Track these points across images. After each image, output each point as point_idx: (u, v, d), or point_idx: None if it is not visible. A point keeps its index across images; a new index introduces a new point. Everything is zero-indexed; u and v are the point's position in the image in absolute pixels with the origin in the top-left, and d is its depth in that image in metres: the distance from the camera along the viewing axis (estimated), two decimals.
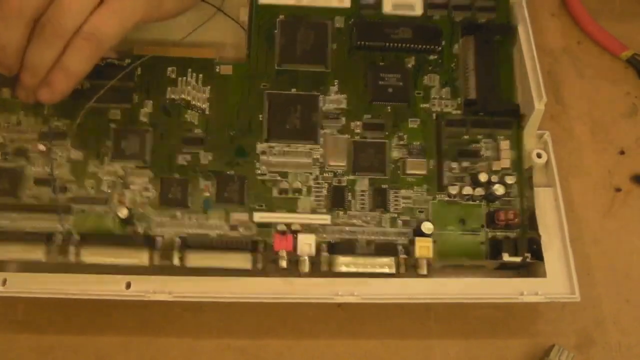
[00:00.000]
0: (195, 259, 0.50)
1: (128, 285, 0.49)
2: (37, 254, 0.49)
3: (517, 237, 0.52)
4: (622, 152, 0.61)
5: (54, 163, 0.51)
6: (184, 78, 0.53)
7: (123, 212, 0.50)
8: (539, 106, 0.53)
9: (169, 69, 0.54)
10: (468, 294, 0.51)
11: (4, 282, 0.49)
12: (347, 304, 0.52)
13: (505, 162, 0.53)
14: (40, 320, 0.54)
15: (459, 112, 0.54)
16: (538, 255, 0.51)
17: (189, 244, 0.50)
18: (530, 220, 0.52)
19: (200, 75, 0.54)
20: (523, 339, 0.55)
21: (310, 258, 0.50)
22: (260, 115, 0.53)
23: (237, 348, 0.54)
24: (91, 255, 0.49)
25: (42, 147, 0.51)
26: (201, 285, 0.50)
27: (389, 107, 0.54)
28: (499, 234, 0.52)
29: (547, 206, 0.54)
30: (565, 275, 0.52)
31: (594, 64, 0.64)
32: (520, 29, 0.56)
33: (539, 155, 0.55)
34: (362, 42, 0.55)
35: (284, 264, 0.50)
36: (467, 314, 0.55)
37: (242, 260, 0.50)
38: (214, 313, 0.54)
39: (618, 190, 0.60)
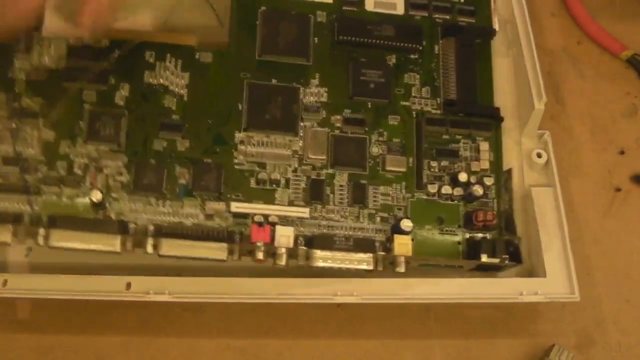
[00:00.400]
0: (169, 248, 0.48)
1: (128, 286, 0.49)
2: (3, 235, 0.47)
3: (495, 239, 0.52)
4: (622, 152, 0.61)
5: (21, 142, 0.49)
6: (163, 62, 0.52)
7: (97, 196, 0.48)
8: (539, 106, 0.53)
9: (148, 53, 0.52)
10: (468, 294, 0.51)
11: (5, 282, 0.49)
12: (346, 304, 0.52)
13: (485, 164, 0.53)
14: (40, 320, 0.53)
15: (438, 111, 0.54)
16: (516, 257, 0.51)
17: (163, 232, 0.48)
18: (507, 223, 0.52)
19: (180, 61, 0.52)
20: (523, 339, 0.55)
21: (288, 251, 0.49)
22: (240, 105, 0.52)
23: (237, 348, 0.54)
24: (61, 240, 0.47)
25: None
26: (201, 286, 0.50)
27: (369, 103, 0.53)
28: (476, 235, 0.52)
29: (547, 206, 0.53)
30: (565, 275, 0.51)
31: (594, 64, 0.64)
32: (520, 29, 0.56)
33: (539, 155, 0.55)
34: (343, 37, 0.54)
35: (260, 255, 0.48)
36: (467, 314, 0.55)
37: (217, 251, 0.48)
38: (214, 313, 0.54)
39: (618, 190, 0.60)
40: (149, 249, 0.48)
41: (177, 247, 0.48)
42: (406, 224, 0.50)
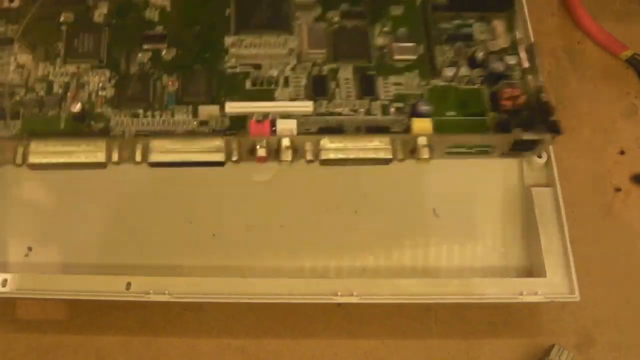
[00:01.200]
0: (159, 154, 0.43)
1: (128, 286, 0.48)
2: None
3: (534, 112, 0.46)
4: (622, 152, 0.60)
5: None
6: None
7: (76, 107, 0.44)
8: None
9: None
10: (468, 294, 0.50)
11: (4, 282, 0.48)
12: (346, 304, 0.51)
13: (503, 42, 0.48)
14: (40, 320, 0.53)
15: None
16: (554, 127, 0.45)
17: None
18: (540, 102, 0.46)
19: None
20: (523, 339, 0.54)
21: (294, 145, 0.44)
22: (228, 9, 0.48)
23: (237, 348, 0.53)
24: (40, 156, 0.43)
25: None
26: (201, 286, 0.49)
27: None
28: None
29: (547, 206, 0.53)
30: (565, 275, 0.50)
31: (594, 64, 0.64)
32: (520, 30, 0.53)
33: (539, 155, 0.53)
34: None
35: (262, 152, 0.43)
36: (467, 314, 0.54)
37: (213, 153, 0.44)
38: (214, 313, 0.53)
39: (618, 190, 0.59)
40: (138, 157, 0.43)
41: (168, 152, 0.43)
42: (424, 107, 0.45)
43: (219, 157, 0.44)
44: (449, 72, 0.47)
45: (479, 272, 0.53)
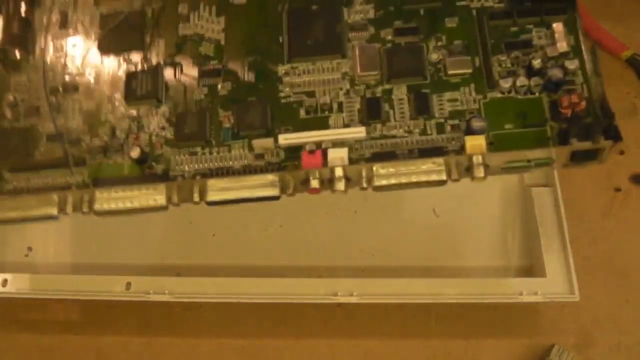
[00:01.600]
0: (216, 193, 0.45)
1: (128, 286, 0.50)
2: (50, 208, 0.46)
3: (592, 120, 0.44)
4: (622, 152, 0.61)
5: (63, 115, 0.48)
6: (197, 12, 0.50)
7: (135, 152, 0.46)
8: None
9: (180, 5, 0.50)
10: (468, 294, 0.51)
11: (4, 282, 0.50)
12: (346, 304, 0.52)
13: (563, 46, 0.46)
14: (40, 320, 0.55)
15: (501, 5, 0.47)
16: (614, 134, 0.43)
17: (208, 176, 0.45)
18: (602, 108, 0.44)
19: (214, 7, 0.50)
20: (523, 339, 0.55)
21: (347, 174, 0.44)
22: (281, 37, 0.48)
23: (237, 348, 0.54)
24: (105, 203, 0.45)
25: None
26: (201, 286, 0.50)
27: (421, 10, 0.48)
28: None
29: (547, 206, 0.54)
30: (565, 274, 0.51)
31: None
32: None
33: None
34: None
35: (315, 183, 0.44)
36: (467, 314, 0.55)
37: (269, 188, 0.44)
38: (214, 313, 0.55)
39: (618, 190, 0.60)
40: (195, 197, 0.45)
41: (224, 190, 0.45)
42: (477, 123, 0.44)
43: (274, 191, 0.44)
44: (505, 83, 0.45)
45: (479, 272, 0.54)
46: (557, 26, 0.46)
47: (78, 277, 0.50)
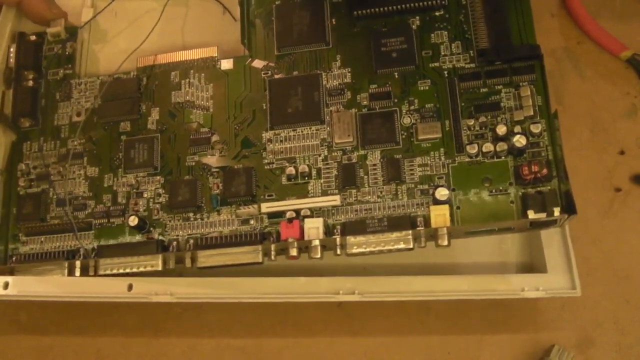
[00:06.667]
0: (205, 259, 0.49)
1: (130, 287, 0.50)
2: (60, 273, 0.51)
3: (549, 191, 0.46)
4: (622, 152, 0.60)
5: (70, 182, 0.53)
6: (187, 80, 0.53)
7: (133, 221, 0.50)
8: None
9: (172, 73, 0.54)
10: (469, 291, 0.50)
11: (6, 285, 0.51)
12: (346, 303, 0.52)
13: (528, 110, 0.48)
14: (40, 320, 0.55)
15: (472, 65, 0.50)
16: (569, 208, 0.45)
17: (200, 245, 0.49)
18: (563, 171, 0.46)
19: (203, 75, 0.53)
20: (523, 338, 0.54)
21: (322, 242, 0.48)
22: (264, 104, 0.51)
23: (237, 348, 0.54)
24: (107, 268, 0.50)
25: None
26: (202, 286, 0.50)
27: (395, 73, 0.50)
28: (531, 189, 0.47)
29: None
30: (566, 269, 0.50)
31: (594, 64, 0.63)
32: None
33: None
34: (359, 12, 0.52)
35: (294, 252, 0.48)
36: (467, 313, 0.55)
37: (252, 254, 0.48)
38: (214, 313, 0.55)
39: (618, 190, 0.59)
40: (188, 262, 0.49)
41: (213, 257, 0.49)
42: (441, 193, 0.47)
43: (257, 258, 0.48)
44: (472, 149, 0.48)
45: (480, 269, 0.54)
46: (524, 90, 0.48)
47: (80, 280, 0.50)
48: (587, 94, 0.62)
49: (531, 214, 0.45)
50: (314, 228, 0.47)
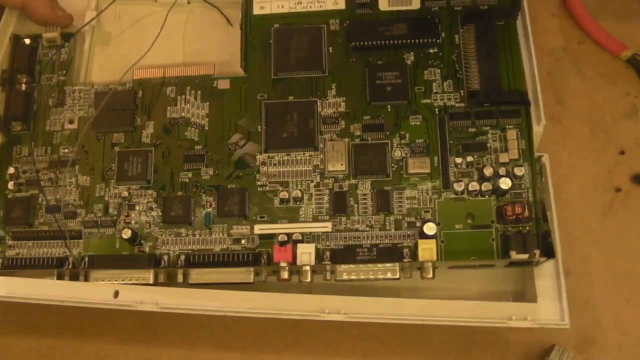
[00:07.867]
0: (197, 276, 0.50)
1: (116, 294, 0.50)
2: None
3: (528, 232, 0.49)
4: (622, 152, 0.61)
5: (61, 190, 0.53)
6: (183, 96, 0.54)
7: (127, 234, 0.51)
8: (537, 129, 0.52)
9: (169, 88, 0.54)
10: (457, 317, 0.50)
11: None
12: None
13: (513, 153, 0.50)
14: (40, 321, 0.55)
15: (462, 105, 0.52)
16: (548, 252, 0.48)
17: (192, 262, 0.50)
18: (542, 213, 0.50)
19: (199, 92, 0.54)
20: (523, 339, 0.55)
21: (313, 267, 0.50)
22: (259, 127, 0.53)
23: (237, 348, 0.55)
24: (98, 278, 0.51)
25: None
26: (188, 297, 0.50)
27: (389, 107, 0.53)
28: (511, 228, 0.50)
29: None
30: (556, 300, 0.50)
31: (594, 64, 0.64)
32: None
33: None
34: (356, 43, 0.54)
35: (285, 275, 0.49)
36: None
37: (243, 274, 0.50)
38: (214, 316, 0.53)
39: (618, 190, 0.60)
40: (179, 278, 0.51)
41: (205, 275, 0.50)
42: (429, 227, 0.49)
43: (249, 278, 0.50)
44: (458, 187, 0.50)
45: (471, 294, 0.54)
46: (510, 134, 0.51)
47: (70, 284, 0.51)
48: (587, 94, 0.63)
49: (513, 255, 0.48)
50: (306, 253, 0.49)
